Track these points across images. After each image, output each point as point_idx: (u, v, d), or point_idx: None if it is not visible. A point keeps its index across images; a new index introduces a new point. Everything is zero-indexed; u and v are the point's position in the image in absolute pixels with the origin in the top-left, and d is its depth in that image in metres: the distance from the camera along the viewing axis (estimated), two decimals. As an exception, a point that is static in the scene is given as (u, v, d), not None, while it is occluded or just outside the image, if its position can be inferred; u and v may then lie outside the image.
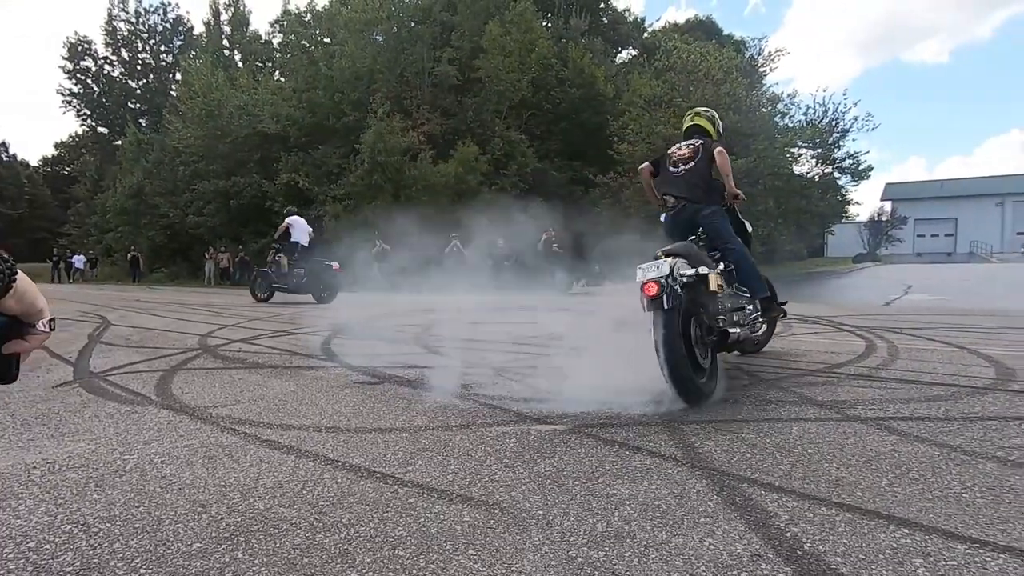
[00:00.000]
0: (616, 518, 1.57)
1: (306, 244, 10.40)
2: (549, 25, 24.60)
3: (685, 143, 3.83)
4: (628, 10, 31.78)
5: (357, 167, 18.50)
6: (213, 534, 1.51)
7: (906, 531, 1.47)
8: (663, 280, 2.63)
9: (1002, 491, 1.69)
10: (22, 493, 1.77)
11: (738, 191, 3.52)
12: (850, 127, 18.27)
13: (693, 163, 3.69)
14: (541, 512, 1.61)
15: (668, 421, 2.44)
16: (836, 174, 19.12)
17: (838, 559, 1.34)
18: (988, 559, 1.33)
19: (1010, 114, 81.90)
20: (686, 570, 1.31)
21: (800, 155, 19.07)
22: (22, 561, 1.38)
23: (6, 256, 0.47)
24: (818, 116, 18.50)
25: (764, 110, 18.79)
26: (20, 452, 2.14)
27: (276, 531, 1.52)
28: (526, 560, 1.36)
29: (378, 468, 1.96)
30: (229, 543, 1.46)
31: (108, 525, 1.56)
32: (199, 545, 1.45)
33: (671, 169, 3.82)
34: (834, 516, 1.56)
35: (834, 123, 18.17)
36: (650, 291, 2.64)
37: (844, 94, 33.17)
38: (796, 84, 78.22)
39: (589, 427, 2.39)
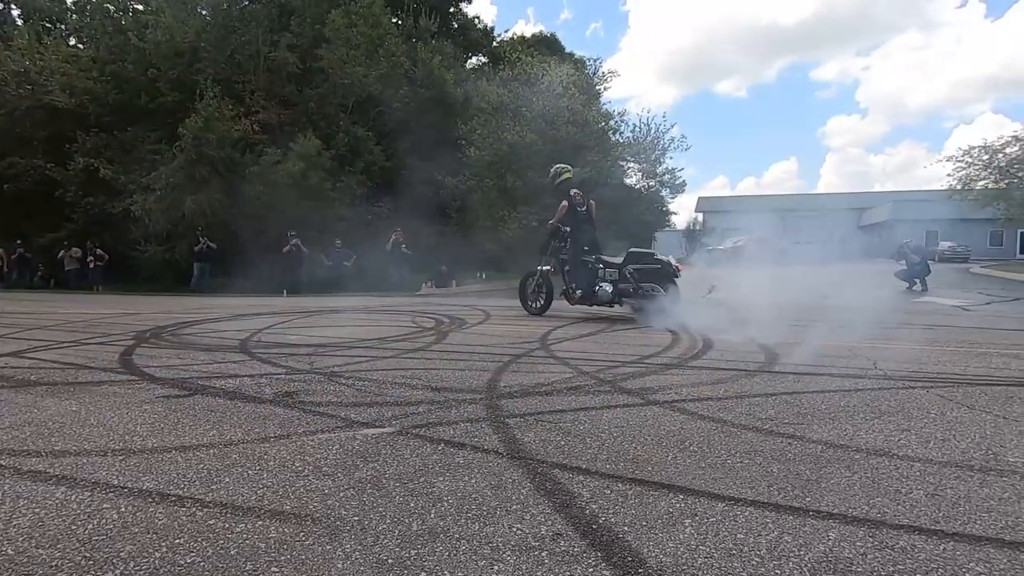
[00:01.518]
0: (432, 515, 1.59)
1: None
2: (399, 22, 24.18)
3: (578, 192, 6.77)
4: (478, 17, 32.48)
5: (177, 155, 16.36)
6: (-66, 593, 1.23)
7: (682, 496, 1.70)
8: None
9: (755, 455, 2.03)
10: None
11: None
12: (668, 146, 20.68)
13: (586, 206, 6.77)
14: (357, 518, 1.58)
15: (495, 416, 2.54)
16: (658, 187, 21.50)
17: (625, 528, 1.51)
18: (738, 512, 1.60)
19: (790, 143, 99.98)
20: (493, 557, 1.38)
21: (628, 168, 21.11)
22: None
23: None
24: (643, 134, 20.64)
25: (599, 125, 20.46)
26: None
27: (28, 578, 1.29)
28: (334, 569, 1.32)
29: (174, 491, 1.75)
30: (-43, 600, 1.20)
31: None
32: (-90, 609, 1.17)
33: (580, 208, 6.69)
34: (627, 491, 1.75)
35: (656, 141, 20.42)
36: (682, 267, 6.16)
37: (664, 116, 37.51)
38: (630, 104, 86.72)
39: (418, 427, 2.39)
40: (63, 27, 26.21)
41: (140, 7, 21.16)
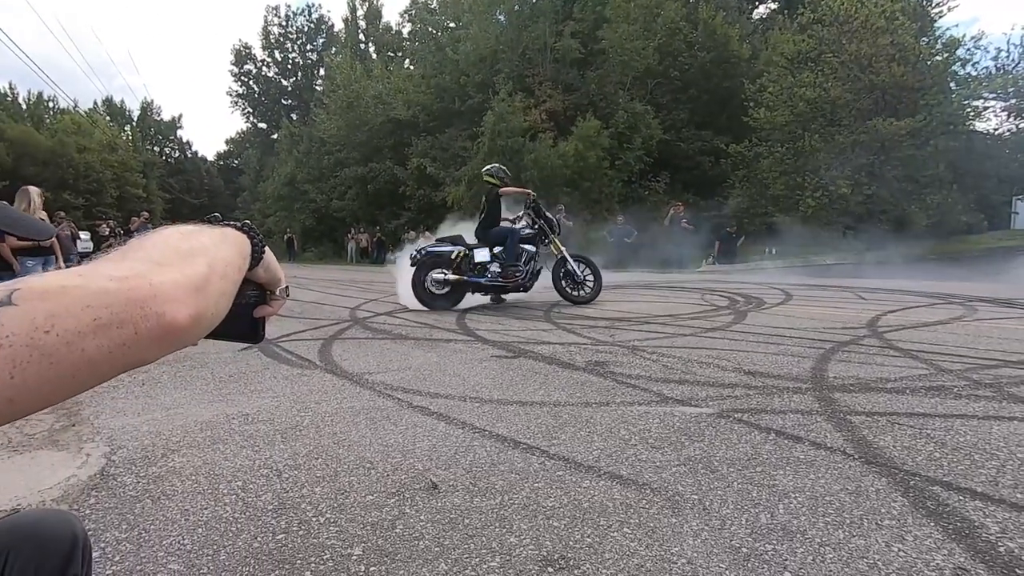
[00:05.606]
0: (781, 510, 1.46)
1: None
2: (678, -15, 23.09)
3: None
4: (767, -41, 28.58)
5: (479, 150, 18.96)
6: (382, 488, 1.64)
7: None
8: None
9: None
10: (227, 439, 2.07)
11: None
12: (1060, 70, 15.00)
13: None
14: (696, 497, 1.55)
15: (831, 411, 2.22)
16: (1034, 130, 15.88)
17: (1075, 585, 1.13)
18: None
19: None
20: (871, 575, 1.18)
21: (986, 108, 16.10)
22: (233, 497, 1.61)
23: (257, 230, 0.51)
24: (1012, 60, 15.42)
25: (938, 58, 16.07)
26: (221, 405, 2.50)
27: (436, 491, 1.62)
28: (686, 544, 1.32)
29: (523, 439, 2.00)
30: (397, 498, 1.58)
31: (295, 472, 1.76)
32: (371, 498, 1.59)
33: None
34: (1063, 534, 1.31)
35: (1034, 67, 15.05)
36: None
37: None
38: (981, 25, 65.21)
39: (738, 411, 2.24)
40: (400, 54, 32.74)
41: (453, 25, 24.97)
